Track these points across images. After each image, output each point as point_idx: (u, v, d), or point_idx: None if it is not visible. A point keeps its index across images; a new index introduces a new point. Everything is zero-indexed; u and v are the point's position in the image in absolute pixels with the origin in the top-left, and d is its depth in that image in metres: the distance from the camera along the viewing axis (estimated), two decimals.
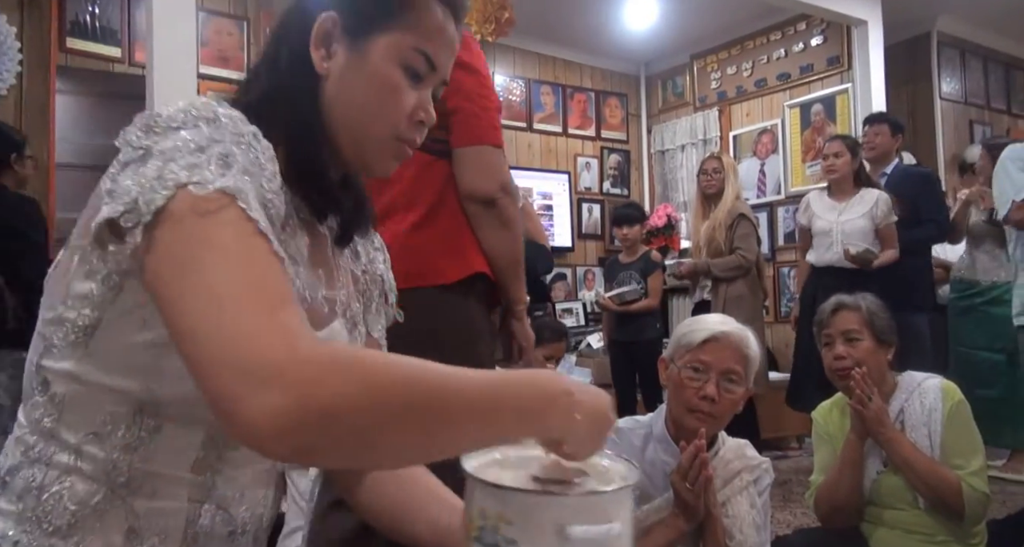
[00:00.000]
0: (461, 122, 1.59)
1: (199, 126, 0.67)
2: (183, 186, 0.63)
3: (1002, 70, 6.14)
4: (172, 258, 0.62)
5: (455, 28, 0.84)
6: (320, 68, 0.79)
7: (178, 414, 0.72)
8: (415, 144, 0.84)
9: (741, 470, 1.64)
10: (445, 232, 1.61)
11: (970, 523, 1.87)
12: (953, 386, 1.97)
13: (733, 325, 1.64)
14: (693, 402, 1.57)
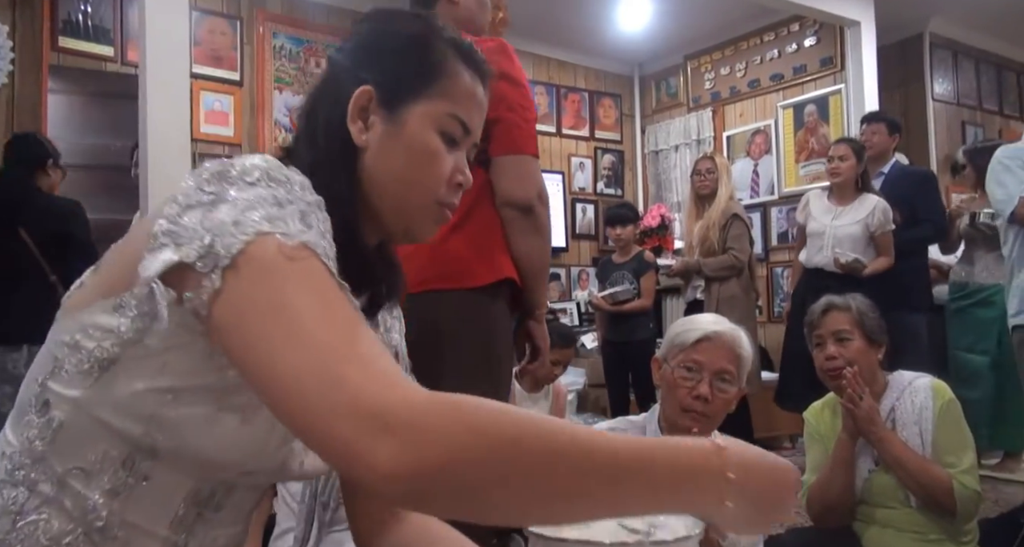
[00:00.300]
0: (502, 132, 1.62)
1: (272, 186, 0.68)
2: (264, 234, 0.64)
3: (994, 71, 6.17)
4: (258, 303, 0.62)
5: (483, 91, 0.86)
6: (359, 141, 0.81)
7: (170, 465, 0.71)
8: (455, 207, 0.85)
9: None
10: (478, 236, 1.65)
11: (961, 521, 1.88)
12: (943, 385, 1.98)
13: (726, 325, 1.64)
14: (686, 402, 1.58)
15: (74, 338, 0.71)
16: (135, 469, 0.71)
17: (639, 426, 1.70)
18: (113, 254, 0.75)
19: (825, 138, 5.36)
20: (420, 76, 0.82)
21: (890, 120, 3.98)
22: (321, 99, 0.85)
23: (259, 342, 0.61)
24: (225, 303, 0.63)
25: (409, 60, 0.83)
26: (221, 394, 0.71)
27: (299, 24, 5.05)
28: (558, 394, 3.42)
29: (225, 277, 0.63)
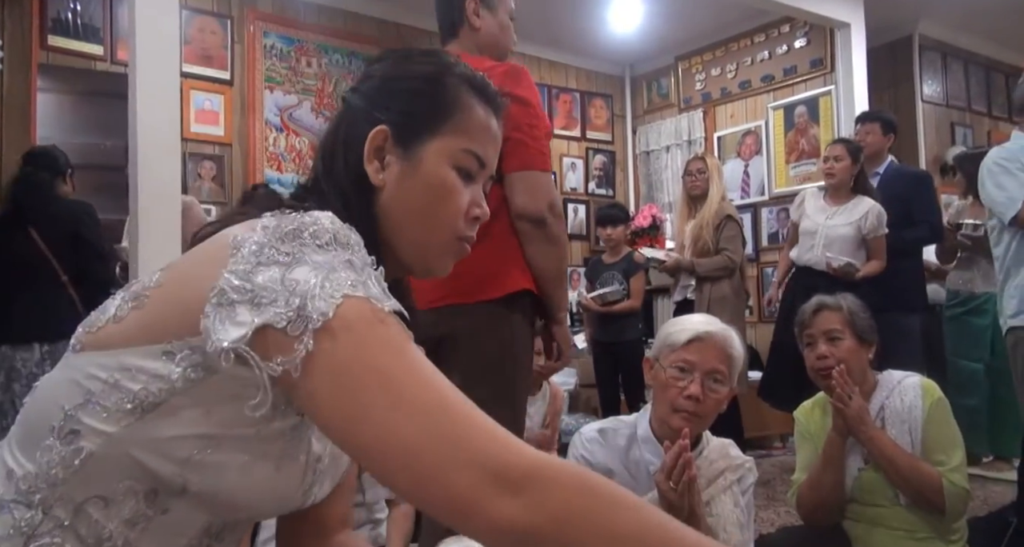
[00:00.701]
0: (512, 150, 1.69)
1: (338, 251, 0.69)
2: (350, 297, 0.65)
3: (983, 73, 6.21)
4: (353, 368, 0.63)
5: (497, 124, 0.87)
6: (376, 181, 0.82)
7: (194, 503, 0.72)
8: (472, 240, 0.86)
9: (725, 469, 1.65)
10: (495, 251, 1.71)
11: (950, 519, 1.89)
12: (932, 384, 1.99)
13: (717, 325, 1.65)
14: (678, 402, 1.58)
15: (113, 377, 0.70)
16: (157, 503, 0.71)
17: (630, 425, 1.70)
18: (155, 292, 0.73)
19: (815, 139, 5.39)
20: (434, 113, 0.83)
21: (885, 119, 3.93)
22: (337, 140, 0.85)
23: (363, 410, 0.62)
24: (318, 367, 0.63)
25: (422, 98, 0.84)
26: (260, 442, 0.72)
27: (290, 23, 5.04)
28: (555, 396, 3.41)
29: (318, 340, 0.63)
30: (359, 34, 5.31)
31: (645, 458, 1.64)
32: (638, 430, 1.68)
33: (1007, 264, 2.71)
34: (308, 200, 0.82)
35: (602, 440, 1.67)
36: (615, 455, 1.65)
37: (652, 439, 1.64)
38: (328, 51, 5.18)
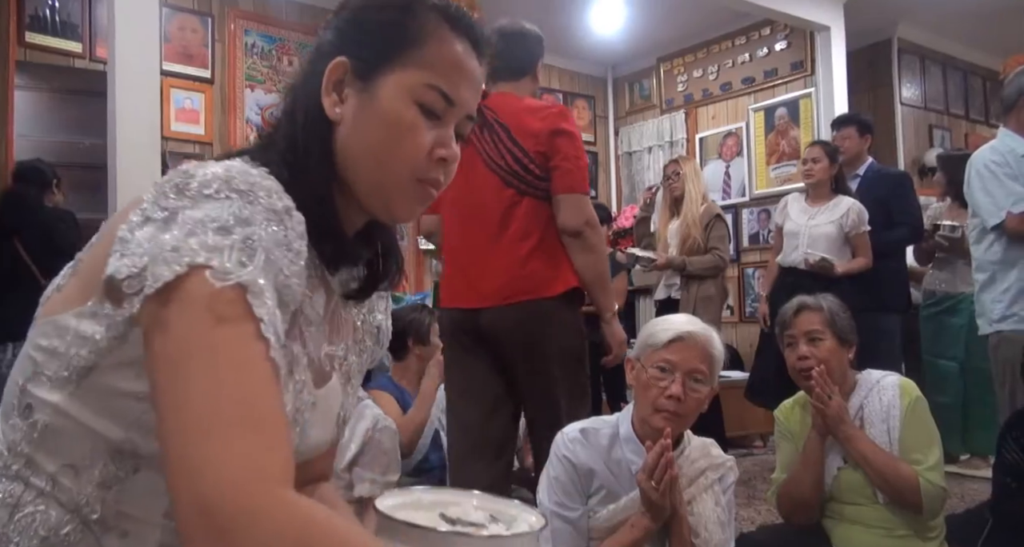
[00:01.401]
0: (559, 176, 2.12)
1: (232, 198, 0.65)
2: (198, 267, 0.61)
3: (960, 76, 6.29)
4: (170, 349, 0.61)
5: (477, 62, 0.81)
6: (332, 114, 0.77)
7: (155, 464, 0.69)
8: (439, 185, 0.80)
9: (706, 469, 1.66)
10: (550, 257, 2.13)
11: (928, 517, 1.91)
12: (911, 383, 2.01)
13: (699, 325, 1.65)
14: (659, 402, 1.58)
15: (52, 343, 0.70)
16: (122, 464, 0.71)
17: (612, 425, 1.70)
18: (87, 256, 0.73)
19: (796, 141, 5.43)
20: (397, 43, 0.77)
21: (859, 121, 3.98)
22: (300, 75, 0.82)
23: (159, 390, 0.61)
24: (151, 334, 0.62)
25: (388, 27, 0.78)
26: None
27: (271, 22, 5.01)
28: None
29: (146, 305, 0.62)
30: None
31: (627, 457, 1.64)
32: (620, 430, 1.68)
33: (993, 268, 2.72)
34: (271, 146, 0.79)
35: (584, 440, 1.67)
36: (597, 455, 1.66)
37: (634, 439, 1.64)
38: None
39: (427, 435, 2.76)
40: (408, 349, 2.83)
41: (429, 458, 2.74)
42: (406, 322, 2.85)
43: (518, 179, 2.13)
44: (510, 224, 2.13)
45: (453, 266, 2.29)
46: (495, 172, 2.15)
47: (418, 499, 0.76)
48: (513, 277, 2.11)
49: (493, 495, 0.80)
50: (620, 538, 1.59)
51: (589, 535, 1.65)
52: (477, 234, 2.17)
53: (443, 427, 2.78)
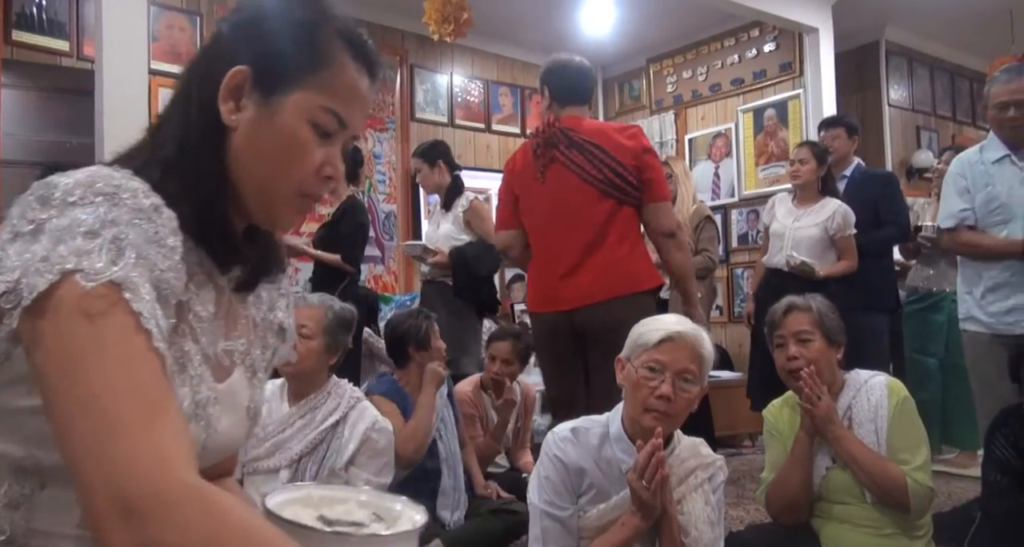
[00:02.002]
0: (652, 187, 2.49)
1: (96, 203, 0.66)
2: (69, 273, 0.62)
3: (947, 78, 6.33)
4: (54, 358, 0.62)
5: (369, 86, 0.84)
6: (227, 120, 0.79)
7: (61, 477, 0.69)
8: (319, 199, 0.84)
9: (696, 468, 1.67)
10: (642, 257, 2.52)
11: (915, 516, 1.92)
12: (898, 383, 2.02)
13: (688, 325, 1.66)
14: (649, 401, 1.58)
15: None
16: (28, 481, 0.70)
17: (602, 424, 1.71)
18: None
19: (784, 142, 5.46)
20: (301, 64, 0.79)
21: (847, 123, 3.99)
22: (195, 74, 0.82)
23: (53, 403, 0.62)
24: (32, 348, 0.63)
25: (292, 45, 0.79)
26: None
27: None
28: (527, 396, 3.42)
29: (23, 318, 0.62)
30: None
31: (617, 457, 1.64)
32: (610, 429, 1.68)
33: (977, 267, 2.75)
34: (159, 141, 0.81)
35: (575, 439, 1.67)
36: (588, 454, 1.66)
37: (624, 438, 1.65)
38: None
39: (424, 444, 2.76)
40: (409, 356, 2.82)
41: (424, 465, 2.74)
42: (404, 329, 2.84)
43: (618, 190, 2.46)
44: (610, 231, 2.46)
45: (546, 272, 2.57)
46: (592, 185, 2.46)
47: (307, 496, 0.79)
48: (611, 275, 2.45)
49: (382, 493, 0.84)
50: (610, 537, 1.59)
51: (579, 534, 1.65)
52: (575, 241, 2.48)
53: (440, 436, 2.79)
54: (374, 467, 2.19)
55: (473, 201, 3.85)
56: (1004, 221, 2.78)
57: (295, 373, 2.23)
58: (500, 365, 3.21)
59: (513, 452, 3.38)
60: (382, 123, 5.47)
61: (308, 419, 2.18)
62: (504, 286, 5.95)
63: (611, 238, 2.46)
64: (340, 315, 2.24)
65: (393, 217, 5.48)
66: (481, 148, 6.01)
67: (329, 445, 2.16)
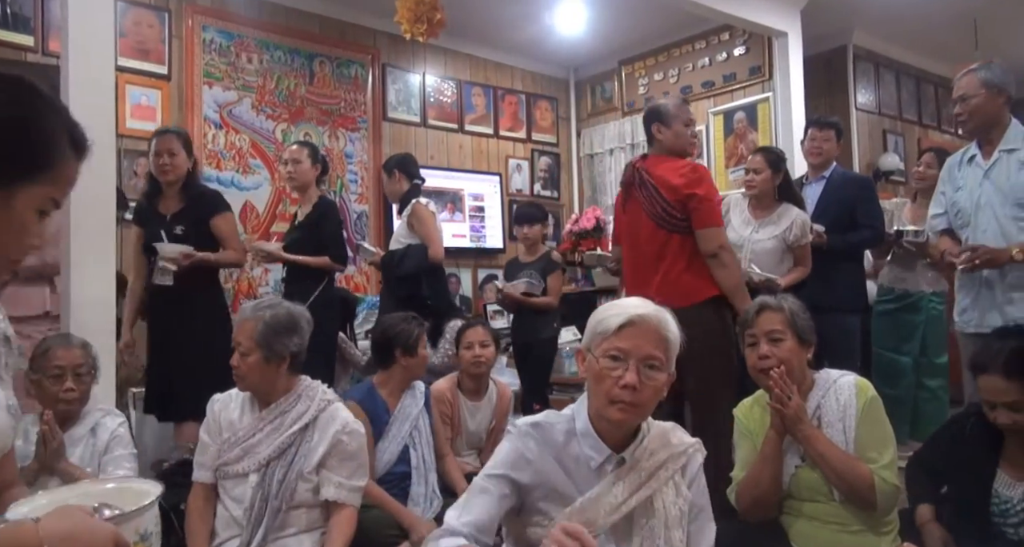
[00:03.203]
0: (696, 217, 2.92)
1: None
2: None
3: (913, 83, 6.44)
4: None
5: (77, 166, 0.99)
6: None
7: None
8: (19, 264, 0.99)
9: (666, 460, 1.56)
10: (696, 274, 2.92)
11: (882, 513, 1.95)
12: (866, 382, 2.05)
13: (650, 307, 1.54)
14: (613, 392, 1.47)
15: None
16: None
17: (567, 419, 1.59)
18: None
19: (753, 144, 5.51)
20: (32, 162, 0.92)
21: (838, 126, 3.96)
22: None
23: None
24: None
25: (25, 149, 0.91)
26: None
27: (229, 18, 4.94)
28: (502, 396, 3.41)
29: None
30: (301, 30, 5.23)
31: (586, 454, 1.54)
32: (576, 424, 1.57)
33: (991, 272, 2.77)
34: None
35: (536, 435, 1.55)
36: (551, 450, 1.54)
37: (592, 433, 1.54)
38: (269, 47, 5.09)
39: (394, 452, 2.76)
40: (395, 358, 2.82)
41: (394, 471, 2.76)
42: (395, 332, 2.84)
43: (668, 223, 2.95)
44: (666, 254, 2.95)
45: (629, 287, 3.14)
46: (651, 218, 2.99)
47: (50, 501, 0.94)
48: (671, 290, 2.81)
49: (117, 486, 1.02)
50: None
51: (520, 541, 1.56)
52: (643, 263, 3.03)
53: (413, 444, 2.79)
54: (346, 470, 2.17)
55: (415, 204, 3.93)
56: (965, 224, 2.87)
57: (247, 388, 2.21)
58: (478, 348, 3.22)
59: (486, 455, 3.37)
60: (354, 123, 5.44)
61: (277, 424, 2.16)
62: (476, 287, 5.95)
63: (668, 260, 2.95)
64: (272, 323, 2.16)
65: (365, 217, 5.45)
66: (454, 148, 6.00)
67: (298, 449, 2.14)
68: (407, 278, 3.81)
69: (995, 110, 2.77)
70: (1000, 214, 2.75)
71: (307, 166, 3.80)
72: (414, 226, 3.90)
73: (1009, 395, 1.96)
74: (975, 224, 2.84)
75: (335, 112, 5.35)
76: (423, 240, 3.86)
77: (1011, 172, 2.75)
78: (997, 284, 2.75)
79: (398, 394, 2.86)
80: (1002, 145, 2.79)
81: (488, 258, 6.01)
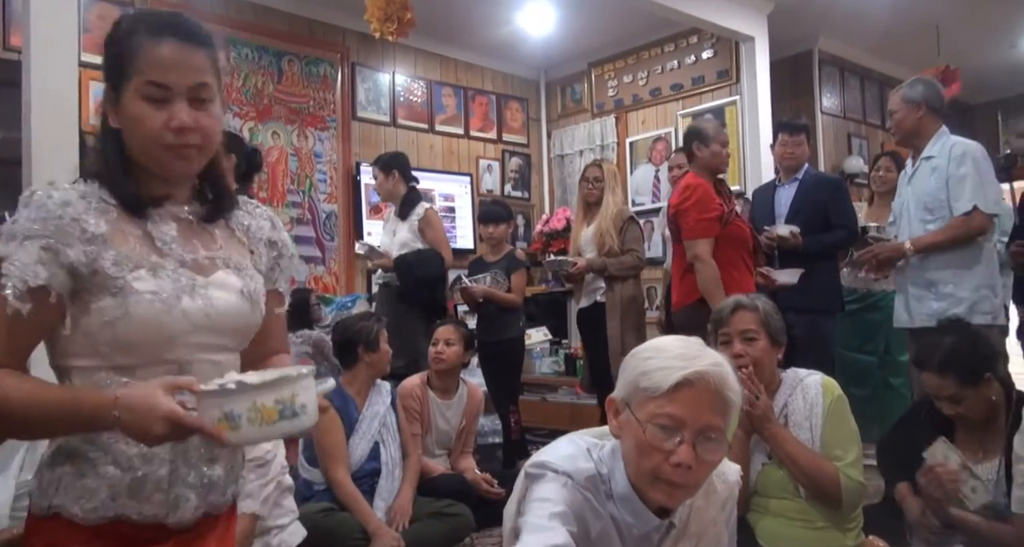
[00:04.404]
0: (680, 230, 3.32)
1: (38, 216, 1.06)
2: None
3: (877, 88, 6.56)
4: None
5: (176, 45, 1.11)
6: (114, 124, 1.14)
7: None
8: (189, 144, 1.12)
9: (715, 516, 1.36)
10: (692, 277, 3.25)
11: (847, 510, 1.99)
12: (832, 382, 2.09)
13: (708, 358, 1.23)
14: (663, 470, 1.20)
15: None
16: None
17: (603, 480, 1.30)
18: None
19: None
20: (117, 67, 1.12)
21: (808, 130, 4.02)
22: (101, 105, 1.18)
23: None
24: None
25: (111, 57, 1.14)
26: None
27: (196, 14, 4.84)
28: (473, 397, 3.41)
29: None
30: (269, 28, 5.18)
31: (626, 520, 1.28)
32: (614, 486, 1.29)
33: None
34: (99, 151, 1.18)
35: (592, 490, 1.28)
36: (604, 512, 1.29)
37: (634, 499, 1.27)
38: (236, 45, 5.03)
39: (365, 449, 2.77)
40: (358, 357, 2.83)
41: (365, 468, 2.79)
42: (355, 330, 2.85)
43: (674, 232, 3.39)
44: (678, 257, 3.40)
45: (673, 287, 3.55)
46: (670, 228, 3.45)
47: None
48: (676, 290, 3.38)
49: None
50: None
51: None
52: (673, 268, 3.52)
53: (383, 441, 2.80)
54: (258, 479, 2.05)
55: (427, 210, 4.05)
56: (898, 228, 3.12)
57: None
58: (442, 345, 3.23)
59: (455, 456, 3.36)
60: (323, 121, 5.40)
61: None
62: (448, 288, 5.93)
63: (678, 264, 3.40)
64: None
65: (334, 217, 5.41)
66: (424, 148, 5.98)
67: None
68: (427, 282, 3.91)
69: (913, 122, 3.07)
70: (914, 217, 3.07)
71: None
72: (424, 231, 4.00)
73: (947, 390, 2.06)
74: (900, 228, 3.19)
75: (304, 111, 5.31)
76: (434, 245, 3.98)
77: (924, 178, 3.04)
78: (912, 281, 3.04)
79: (365, 392, 2.87)
80: (924, 153, 3.07)
81: (459, 258, 5.97)
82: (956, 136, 3.09)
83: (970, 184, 2.93)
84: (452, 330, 3.30)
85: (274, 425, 0.98)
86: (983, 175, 2.96)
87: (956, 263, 2.96)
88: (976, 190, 2.92)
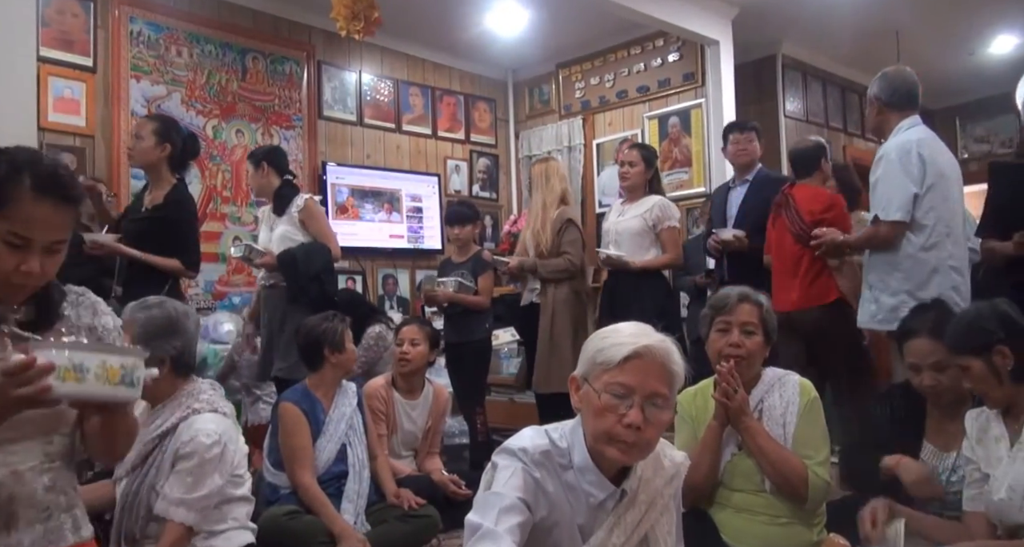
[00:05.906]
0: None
1: None
2: None
3: (839, 92, 6.68)
4: None
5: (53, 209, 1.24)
6: None
7: None
8: (27, 282, 1.26)
9: (662, 487, 1.49)
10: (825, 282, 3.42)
11: (812, 506, 2.03)
12: (809, 383, 2.14)
13: (655, 336, 1.42)
14: (615, 431, 1.36)
15: None
16: None
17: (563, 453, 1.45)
18: None
19: (687, 149, 5.64)
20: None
21: (759, 129, 4.07)
22: None
23: None
24: None
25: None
26: None
27: (158, 10, 4.78)
28: (439, 397, 3.40)
29: None
30: (233, 25, 5.11)
31: (584, 489, 1.43)
32: (574, 457, 1.44)
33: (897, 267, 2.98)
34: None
35: (548, 465, 1.42)
36: (560, 483, 1.43)
37: (593, 468, 1.42)
38: (200, 41, 4.96)
39: (332, 451, 2.75)
40: (324, 358, 2.80)
41: (332, 470, 2.76)
42: (320, 332, 2.81)
43: (801, 238, 3.38)
44: (801, 262, 3.39)
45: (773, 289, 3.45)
46: (792, 233, 3.45)
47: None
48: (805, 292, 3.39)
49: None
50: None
51: None
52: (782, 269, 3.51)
53: (350, 442, 2.78)
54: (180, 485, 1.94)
55: (308, 201, 3.69)
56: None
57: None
58: (407, 345, 3.21)
59: (421, 457, 3.35)
60: (288, 120, 5.34)
61: (143, 433, 1.97)
62: (414, 288, 5.90)
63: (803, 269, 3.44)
64: (147, 324, 2.00)
65: None
66: (392, 148, 5.95)
67: (154, 460, 1.99)
68: (316, 278, 3.56)
69: (873, 120, 3.16)
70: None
71: (149, 144, 3.25)
72: (306, 223, 3.64)
73: (935, 356, 2.10)
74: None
75: (269, 109, 5.25)
76: (319, 237, 3.63)
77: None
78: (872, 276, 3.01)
79: (332, 394, 2.84)
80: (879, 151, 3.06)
81: (426, 259, 5.97)
82: (909, 132, 2.95)
83: (878, 190, 2.90)
84: (417, 330, 3.28)
85: (115, 387, 1.12)
86: (890, 180, 2.86)
87: (879, 268, 2.95)
88: (880, 198, 2.89)
